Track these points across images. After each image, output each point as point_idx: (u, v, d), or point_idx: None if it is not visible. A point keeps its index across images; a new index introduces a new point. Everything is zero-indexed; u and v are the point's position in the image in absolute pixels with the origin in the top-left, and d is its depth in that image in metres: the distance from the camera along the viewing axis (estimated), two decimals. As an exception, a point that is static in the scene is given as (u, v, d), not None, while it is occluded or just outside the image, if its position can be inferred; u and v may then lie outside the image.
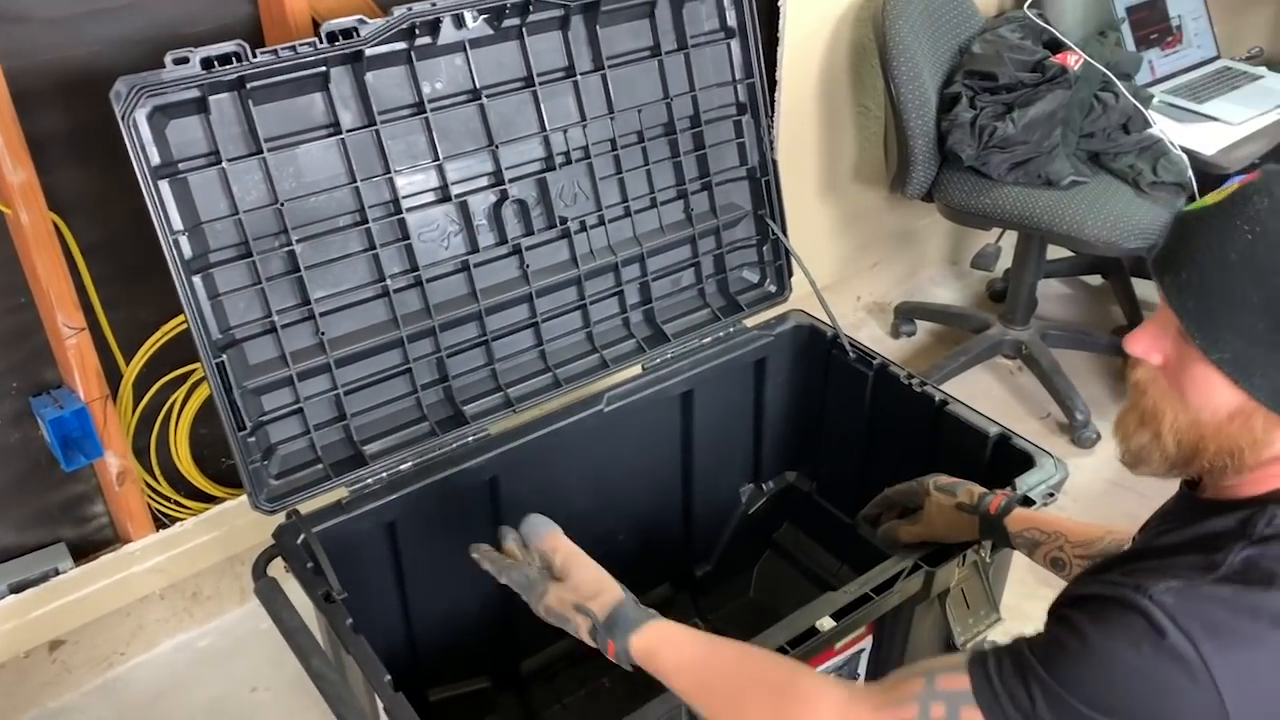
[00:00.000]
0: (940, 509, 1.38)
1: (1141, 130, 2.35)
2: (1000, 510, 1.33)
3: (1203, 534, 0.88)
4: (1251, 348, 0.82)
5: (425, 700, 1.66)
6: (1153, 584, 0.81)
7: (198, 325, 1.31)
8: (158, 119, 1.25)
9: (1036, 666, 0.84)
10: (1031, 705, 0.83)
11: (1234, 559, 0.83)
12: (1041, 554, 1.30)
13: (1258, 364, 0.82)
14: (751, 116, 1.71)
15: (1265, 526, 0.84)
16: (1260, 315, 0.81)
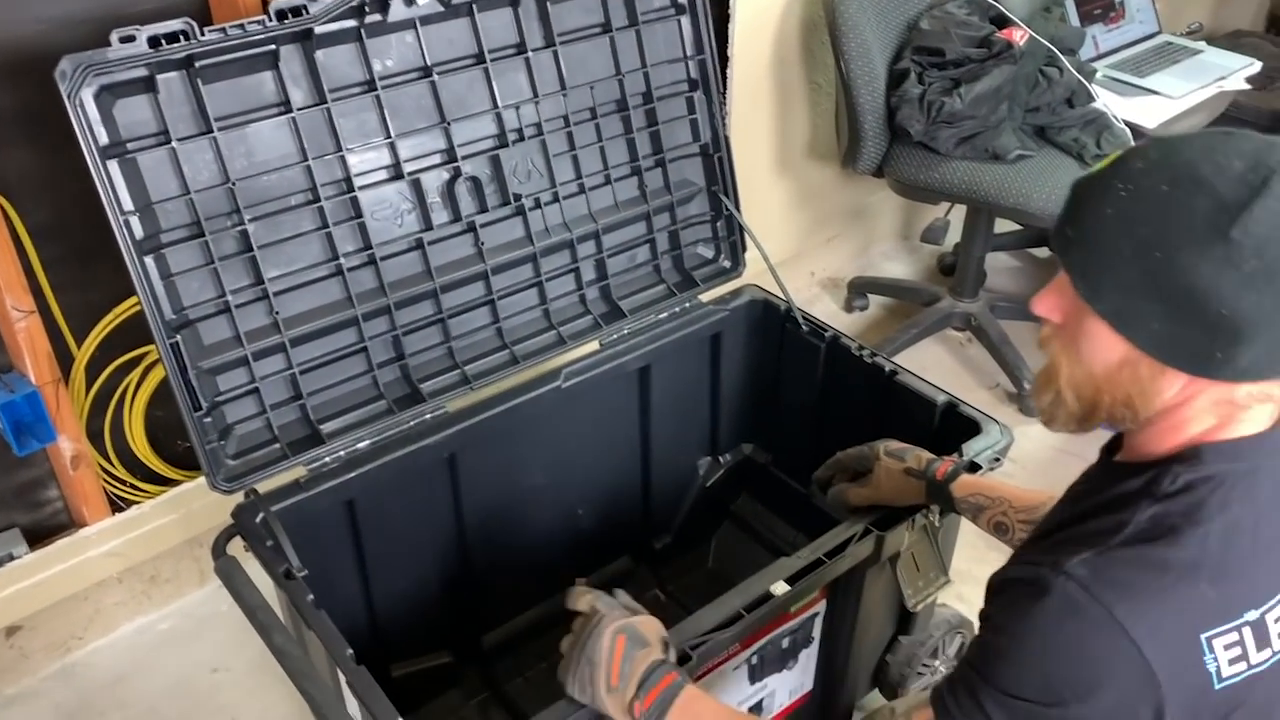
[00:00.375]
0: (889, 473, 1.42)
1: (1085, 104, 2.39)
2: (947, 476, 1.37)
3: (1114, 496, 0.92)
4: (1128, 297, 0.86)
5: (388, 675, 1.68)
6: (1066, 558, 0.85)
7: (151, 306, 1.30)
8: (105, 98, 1.24)
9: (980, 681, 0.87)
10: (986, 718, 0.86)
11: (1140, 518, 0.87)
12: (985, 519, 1.34)
13: (1135, 313, 0.86)
14: (703, 93, 1.72)
15: (1169, 485, 0.89)
16: (1132, 265, 0.85)
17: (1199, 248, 0.82)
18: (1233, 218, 0.81)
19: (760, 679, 1.44)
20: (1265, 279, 0.82)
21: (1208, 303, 0.83)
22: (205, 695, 1.86)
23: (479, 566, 1.73)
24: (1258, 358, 0.85)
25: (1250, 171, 0.83)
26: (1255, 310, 0.83)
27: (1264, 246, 0.81)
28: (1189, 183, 0.84)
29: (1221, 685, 0.84)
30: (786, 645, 1.44)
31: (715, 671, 1.34)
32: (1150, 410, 0.91)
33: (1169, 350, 0.87)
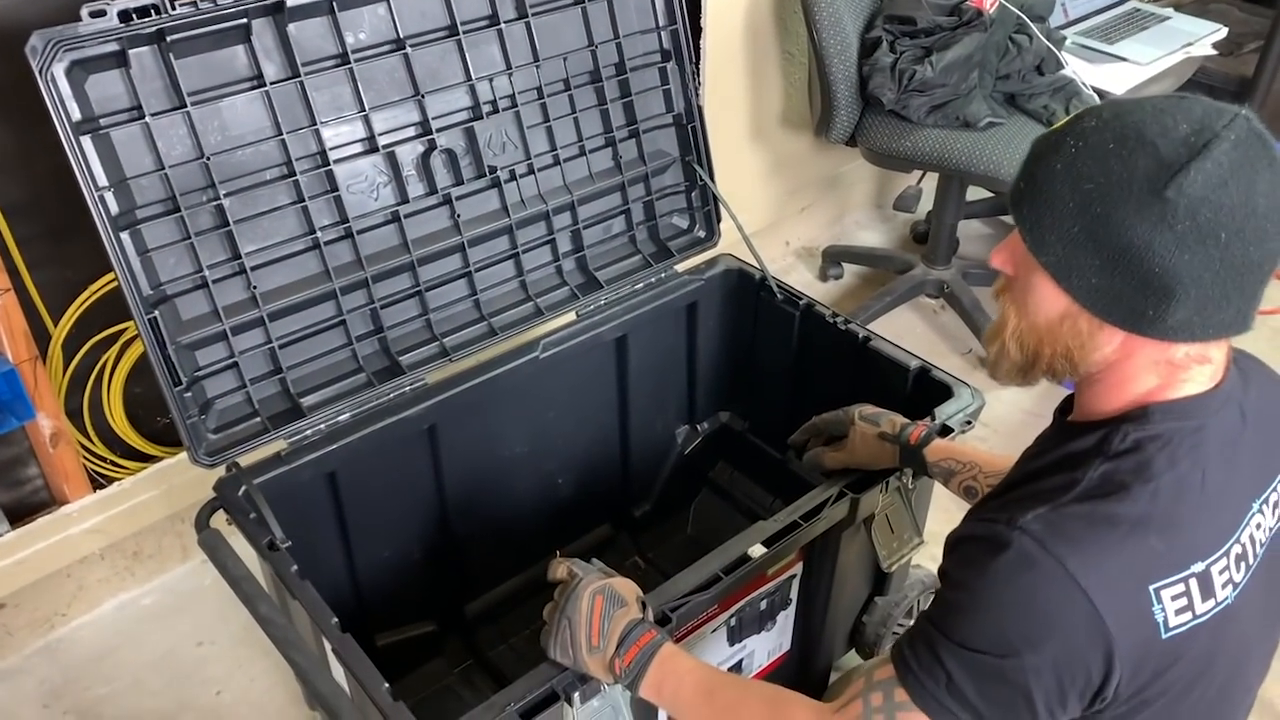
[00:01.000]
0: (864, 438, 1.44)
1: (1055, 71, 2.42)
2: (920, 441, 1.40)
3: (1067, 454, 0.95)
4: (1069, 250, 0.89)
5: (373, 644, 1.70)
6: (1020, 514, 0.88)
7: (128, 282, 1.31)
8: (76, 74, 1.24)
9: (938, 635, 0.90)
10: (948, 675, 0.89)
11: (1092, 475, 0.90)
12: (956, 483, 1.37)
13: (1075, 266, 0.89)
14: (676, 63, 1.73)
15: (1119, 443, 0.91)
16: (1075, 219, 0.88)
17: (1136, 205, 0.85)
18: (1170, 177, 0.83)
19: (739, 640, 1.47)
20: (1197, 240, 0.84)
21: (1141, 260, 0.85)
22: (191, 668, 1.87)
23: (460, 536, 1.75)
24: (1189, 317, 0.87)
25: (1194, 134, 0.84)
26: (1186, 270, 0.85)
27: (1197, 208, 0.83)
28: (1134, 141, 0.86)
29: (1168, 635, 0.88)
30: (764, 607, 1.47)
31: (695, 634, 1.37)
32: (1089, 365, 0.94)
33: (1105, 305, 0.89)
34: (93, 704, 1.81)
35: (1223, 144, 0.84)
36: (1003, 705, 0.88)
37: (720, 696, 1.07)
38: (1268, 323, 2.73)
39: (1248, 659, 1.01)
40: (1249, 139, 0.85)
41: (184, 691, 1.83)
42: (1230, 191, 0.84)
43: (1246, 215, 0.84)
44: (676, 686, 1.09)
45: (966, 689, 0.88)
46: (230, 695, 1.83)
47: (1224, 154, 0.84)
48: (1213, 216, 0.84)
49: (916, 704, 0.91)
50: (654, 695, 1.11)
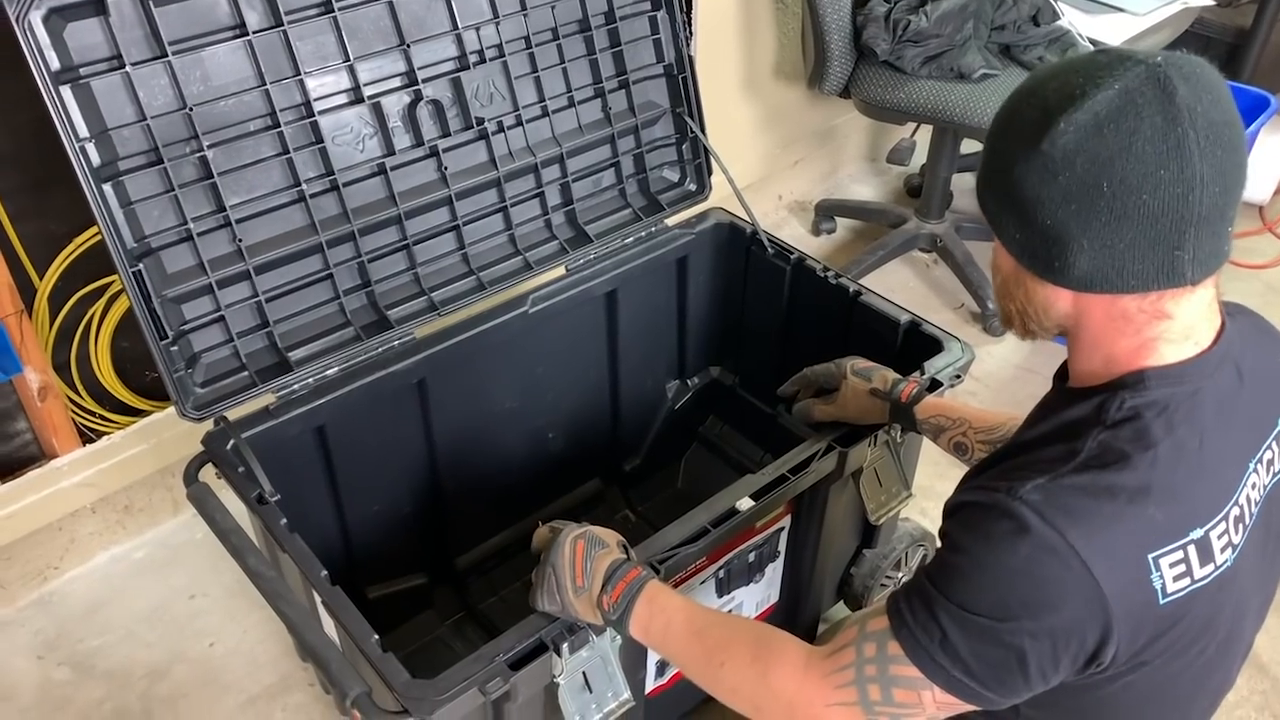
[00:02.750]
0: (855, 392, 1.44)
1: (1050, 22, 2.39)
2: (911, 398, 1.40)
3: (1065, 422, 0.95)
4: (997, 207, 0.92)
5: (363, 597, 1.71)
6: (1020, 484, 0.88)
7: (111, 235, 1.29)
8: (54, 21, 1.21)
9: (936, 594, 0.90)
10: (943, 633, 0.89)
11: (1091, 445, 0.90)
12: (945, 439, 1.38)
13: (1002, 223, 0.93)
14: (666, 12, 1.70)
15: (1116, 411, 0.91)
16: (995, 178, 0.91)
17: (1024, 158, 0.87)
18: (1044, 129, 0.85)
19: (728, 592, 1.48)
20: (1080, 190, 0.85)
21: (1036, 212, 0.88)
22: (184, 620, 1.89)
23: (451, 490, 1.76)
24: (1093, 267, 0.88)
25: (1080, 86, 0.85)
26: (1074, 220, 0.86)
27: (1073, 158, 0.84)
28: (1032, 97, 0.88)
29: (1166, 601, 0.88)
30: (753, 559, 1.48)
31: (684, 585, 1.38)
32: (1051, 320, 0.95)
33: (1027, 258, 0.92)
34: (86, 655, 1.83)
35: (1102, 92, 0.83)
36: (995, 665, 0.89)
37: (710, 635, 1.07)
38: (1260, 277, 2.73)
39: (1245, 614, 1.02)
40: (1143, 86, 0.83)
41: (177, 643, 1.85)
42: (1106, 140, 0.83)
43: (1129, 163, 0.83)
44: (665, 624, 1.09)
45: (960, 647, 0.89)
46: (223, 647, 1.85)
47: (1100, 103, 0.83)
48: (1090, 166, 0.84)
49: (909, 658, 0.91)
50: (642, 633, 1.11)
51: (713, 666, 1.06)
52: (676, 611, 1.10)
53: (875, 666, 0.94)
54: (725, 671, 1.05)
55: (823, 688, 0.97)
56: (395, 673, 1.12)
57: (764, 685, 1.01)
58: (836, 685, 0.96)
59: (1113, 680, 0.93)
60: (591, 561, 1.14)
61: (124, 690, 1.78)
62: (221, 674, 1.81)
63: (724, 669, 1.05)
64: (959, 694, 0.91)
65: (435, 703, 1.09)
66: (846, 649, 0.97)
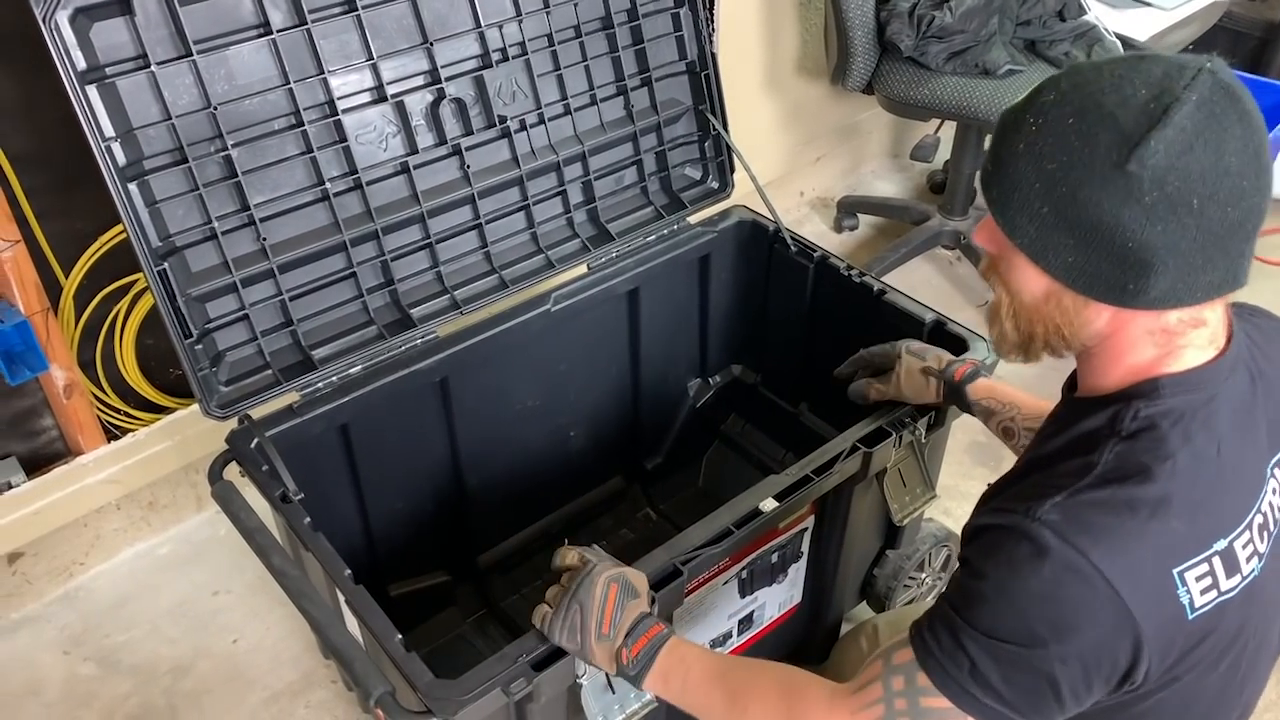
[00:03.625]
0: (909, 372, 1.45)
1: (1077, 17, 2.36)
2: (965, 378, 1.41)
3: (1079, 434, 0.93)
4: (1041, 231, 0.87)
5: (386, 594, 1.72)
6: (1038, 504, 0.87)
7: (136, 234, 1.30)
8: (81, 21, 1.22)
9: (961, 623, 0.88)
10: (972, 662, 0.88)
11: (1107, 458, 0.88)
12: (995, 422, 1.38)
13: (1050, 246, 0.87)
14: (689, 9, 1.70)
15: (1131, 421, 0.89)
16: (1043, 200, 0.86)
17: (1101, 181, 0.82)
18: (1131, 150, 0.81)
19: (750, 592, 1.47)
20: (1168, 210, 0.82)
21: (1114, 236, 0.83)
22: (207, 616, 1.90)
23: (473, 488, 1.76)
24: (1172, 285, 0.85)
25: (1153, 100, 0.82)
26: (1161, 241, 0.83)
27: (1164, 178, 0.81)
28: (1093, 114, 0.83)
29: (1194, 615, 0.87)
30: (775, 560, 1.47)
31: (706, 585, 1.37)
32: (1084, 340, 0.92)
33: (1085, 282, 0.87)
34: (111, 651, 1.84)
35: (1184, 107, 0.81)
36: (1027, 691, 0.87)
37: (731, 679, 1.05)
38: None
39: (1274, 621, 1.00)
40: (1214, 96, 0.82)
41: (201, 639, 1.86)
42: (1197, 156, 0.81)
43: (1219, 177, 0.81)
44: (685, 673, 1.08)
45: (991, 675, 0.87)
46: (246, 643, 1.86)
47: (1186, 118, 0.81)
48: (1181, 184, 0.81)
49: (939, 689, 0.90)
50: (660, 686, 1.09)
51: (736, 711, 1.03)
52: (696, 660, 1.08)
53: (905, 700, 0.92)
54: (750, 714, 1.02)
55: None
56: (418, 672, 1.12)
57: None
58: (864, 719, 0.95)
59: (1145, 698, 0.91)
60: (621, 612, 1.11)
61: (149, 685, 1.79)
62: (245, 670, 1.82)
63: (748, 712, 1.02)
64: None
65: (459, 703, 1.09)
66: (874, 684, 0.95)
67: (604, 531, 1.98)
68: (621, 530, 2.00)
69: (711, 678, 1.06)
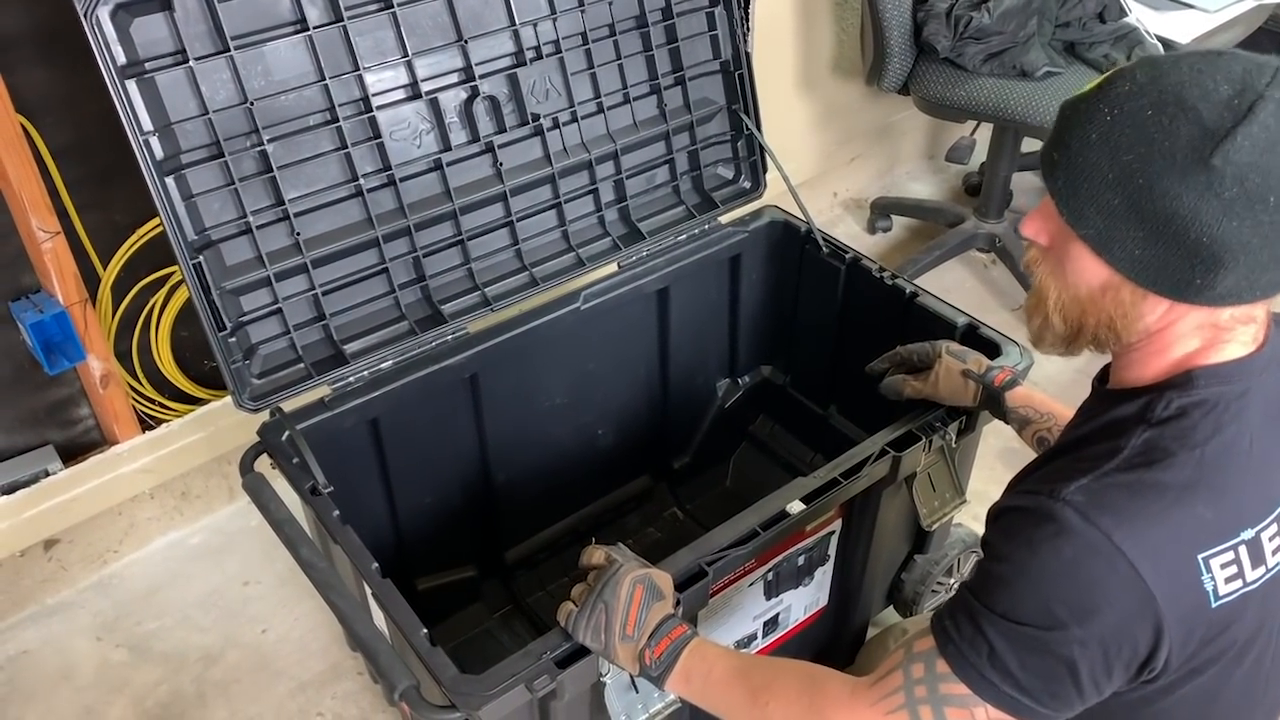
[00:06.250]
0: (949, 372, 1.44)
1: (1117, 19, 2.33)
2: (1004, 384, 1.40)
3: (1109, 421, 0.93)
4: (1110, 222, 0.86)
5: (413, 588, 1.72)
6: (1063, 486, 0.86)
7: (173, 227, 1.31)
8: (121, 17, 1.23)
9: (980, 607, 0.88)
10: (990, 647, 0.88)
11: (1136, 442, 0.88)
12: (1030, 432, 1.37)
13: (1116, 237, 0.87)
14: (724, 8, 1.69)
15: (1163, 410, 0.89)
16: (1115, 191, 0.85)
17: (1181, 174, 0.82)
18: (1215, 145, 0.81)
19: (776, 594, 1.47)
20: (1245, 206, 0.82)
21: (1188, 229, 0.83)
22: (237, 606, 1.92)
23: (501, 484, 1.76)
24: (1237, 282, 0.85)
25: (1236, 97, 0.82)
26: (1235, 237, 0.83)
27: (1246, 174, 0.81)
28: (1174, 107, 0.83)
29: (1218, 604, 0.86)
30: (802, 563, 1.46)
31: (732, 586, 1.37)
32: (1134, 334, 0.92)
33: (1150, 275, 0.87)
34: (143, 638, 1.86)
35: (1268, 105, 0.81)
36: (1046, 677, 0.87)
37: (753, 676, 1.05)
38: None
39: None
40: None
41: (231, 628, 1.88)
42: (1279, 154, 0.81)
43: None
44: (707, 672, 1.08)
45: (1009, 660, 0.87)
46: (275, 634, 1.88)
47: (1270, 115, 0.81)
48: (1261, 181, 0.81)
49: (958, 675, 0.90)
50: (682, 686, 1.09)
51: (758, 707, 1.03)
52: (718, 660, 1.08)
53: (925, 687, 0.92)
54: (771, 710, 1.02)
55: (873, 715, 0.95)
56: (443, 667, 1.12)
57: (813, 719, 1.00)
58: (887, 710, 0.94)
59: (1166, 692, 0.90)
60: (646, 613, 1.11)
61: (179, 673, 1.81)
62: (273, 660, 1.83)
63: (770, 708, 1.02)
64: (1010, 709, 0.89)
65: (483, 698, 1.09)
66: (894, 673, 0.95)
67: (630, 530, 1.98)
68: (648, 529, 2.00)
69: (733, 676, 1.06)
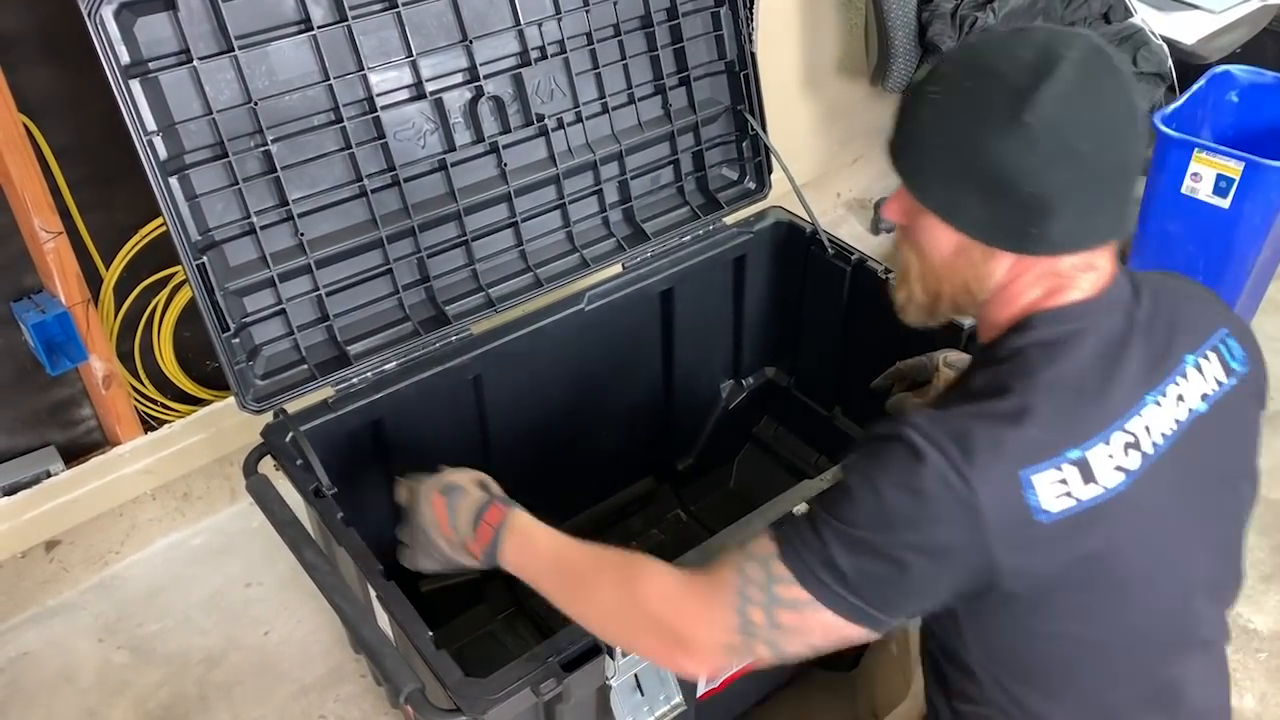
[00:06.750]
0: (947, 383, 1.43)
1: (1123, 19, 2.33)
2: None
3: (965, 370, 1.04)
4: (950, 190, 0.95)
5: (416, 591, 1.72)
6: (914, 416, 0.94)
7: (176, 227, 1.31)
8: (125, 16, 1.23)
9: (822, 514, 0.93)
10: (826, 549, 0.91)
11: (978, 380, 0.97)
12: None
13: (958, 203, 0.95)
14: (729, 8, 1.68)
15: (1003, 351, 0.97)
16: (950, 160, 0.94)
17: (1000, 135, 0.90)
18: (1024, 103, 0.88)
19: (781, 597, 1.46)
20: (1062, 155, 0.89)
21: (1016, 184, 0.91)
22: (239, 608, 1.91)
23: (503, 486, 1.75)
24: (1069, 229, 0.93)
25: (1040, 59, 0.89)
26: (1058, 185, 0.90)
27: (1056, 125, 0.89)
28: (987, 76, 0.91)
29: (1048, 520, 0.89)
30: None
31: (737, 590, 1.36)
32: (986, 291, 0.99)
33: (992, 232, 0.95)
34: (145, 640, 1.86)
35: (1067, 62, 0.89)
36: (876, 580, 0.91)
37: (581, 563, 1.09)
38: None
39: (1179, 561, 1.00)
40: (1091, 54, 0.90)
41: (232, 630, 1.87)
42: (1082, 104, 0.89)
43: (1101, 123, 0.90)
44: (534, 555, 1.12)
45: (843, 562, 0.91)
46: (277, 635, 1.87)
47: (1071, 70, 0.89)
48: (1073, 131, 0.89)
49: (794, 576, 0.93)
50: (515, 566, 1.13)
51: (584, 592, 1.07)
52: (544, 541, 1.12)
53: (759, 588, 0.94)
54: (597, 596, 1.05)
55: (701, 609, 0.97)
56: (449, 670, 1.12)
57: (636, 607, 1.01)
58: (715, 604, 0.96)
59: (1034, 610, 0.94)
60: (454, 512, 1.16)
61: (181, 675, 1.80)
62: (275, 662, 1.83)
63: (596, 593, 1.05)
64: (842, 611, 0.92)
65: (488, 701, 1.09)
66: (727, 570, 0.97)
67: (634, 531, 1.97)
68: (652, 530, 1.99)
69: (558, 559, 1.10)
